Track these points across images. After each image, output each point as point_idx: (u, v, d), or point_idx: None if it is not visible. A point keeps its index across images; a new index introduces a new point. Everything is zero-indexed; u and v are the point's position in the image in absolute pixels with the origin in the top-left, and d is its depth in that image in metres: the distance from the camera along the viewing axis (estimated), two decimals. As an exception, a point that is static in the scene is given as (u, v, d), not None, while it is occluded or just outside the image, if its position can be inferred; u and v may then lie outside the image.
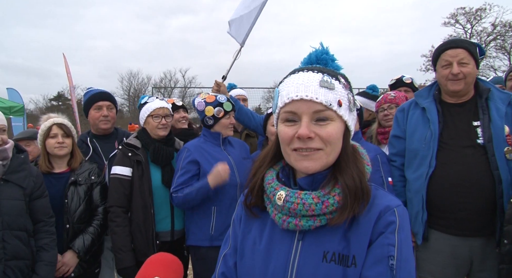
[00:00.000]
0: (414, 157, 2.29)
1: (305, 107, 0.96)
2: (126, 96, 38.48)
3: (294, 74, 1.02)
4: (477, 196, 2.05)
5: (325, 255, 0.98)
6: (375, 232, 0.96)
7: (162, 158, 2.64)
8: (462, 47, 2.17)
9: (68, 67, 10.16)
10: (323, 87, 0.96)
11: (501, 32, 27.55)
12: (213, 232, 2.52)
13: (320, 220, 0.98)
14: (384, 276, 0.91)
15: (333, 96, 0.97)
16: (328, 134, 0.97)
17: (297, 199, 0.98)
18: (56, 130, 2.57)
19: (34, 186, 2.16)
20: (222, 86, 3.21)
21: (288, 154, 1.02)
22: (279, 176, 1.10)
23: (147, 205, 2.54)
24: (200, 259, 2.56)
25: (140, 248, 2.50)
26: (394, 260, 0.92)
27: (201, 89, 26.51)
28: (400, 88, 3.41)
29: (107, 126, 2.95)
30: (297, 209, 0.98)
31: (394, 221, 0.96)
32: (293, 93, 0.97)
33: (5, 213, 1.97)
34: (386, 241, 0.94)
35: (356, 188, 0.97)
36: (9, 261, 1.94)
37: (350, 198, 0.96)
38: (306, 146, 0.97)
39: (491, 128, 2.11)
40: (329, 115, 0.97)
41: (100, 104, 2.94)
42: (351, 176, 0.98)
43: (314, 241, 1.00)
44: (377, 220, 0.97)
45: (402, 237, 0.95)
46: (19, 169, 2.13)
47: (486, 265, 2.12)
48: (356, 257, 0.95)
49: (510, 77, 3.19)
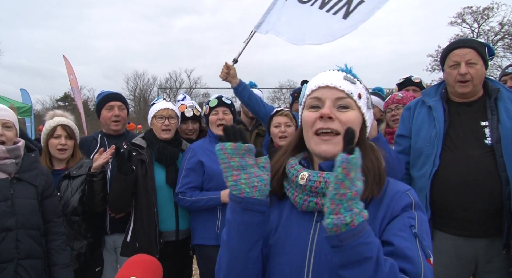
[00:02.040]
0: (419, 155, 2.27)
1: (329, 93, 1.10)
2: (132, 96, 38.69)
3: (321, 73, 1.18)
4: (482, 197, 2.03)
5: None
6: (391, 214, 1.04)
7: (166, 157, 2.65)
8: (470, 47, 2.15)
9: (71, 68, 10.16)
10: (346, 80, 1.12)
11: (509, 31, 27.24)
12: (218, 231, 2.54)
13: None
14: (410, 241, 0.98)
15: (354, 88, 1.12)
16: (347, 118, 1.08)
17: (319, 178, 1.06)
18: (60, 131, 2.61)
19: (45, 185, 2.17)
20: (232, 69, 3.01)
21: (310, 138, 1.12)
22: (301, 162, 1.18)
23: (150, 204, 2.56)
24: (205, 258, 2.57)
25: (143, 246, 2.51)
26: (416, 229, 1.00)
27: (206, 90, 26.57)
28: (408, 88, 3.39)
29: (117, 128, 2.99)
30: (319, 187, 1.04)
31: (410, 200, 1.06)
32: (320, 81, 1.12)
33: (19, 212, 1.97)
34: (406, 215, 1.03)
35: (374, 170, 1.06)
36: (23, 260, 1.95)
37: (369, 178, 1.04)
38: (327, 125, 1.07)
39: (499, 128, 2.09)
40: (350, 103, 1.10)
41: (111, 104, 2.98)
42: (370, 160, 1.08)
43: None
44: (391, 201, 1.06)
45: (419, 213, 1.05)
46: (31, 167, 2.14)
47: (491, 266, 2.09)
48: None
49: (503, 81, 3.20)
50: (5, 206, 1.94)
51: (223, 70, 2.99)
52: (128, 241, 2.59)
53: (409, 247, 0.96)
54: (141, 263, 1.51)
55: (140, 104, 37.20)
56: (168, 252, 2.61)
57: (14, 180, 2.05)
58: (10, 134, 2.12)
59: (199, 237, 2.59)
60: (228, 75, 2.96)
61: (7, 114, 2.16)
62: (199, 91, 31.10)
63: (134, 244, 2.55)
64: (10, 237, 1.92)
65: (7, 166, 2.03)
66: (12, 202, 1.98)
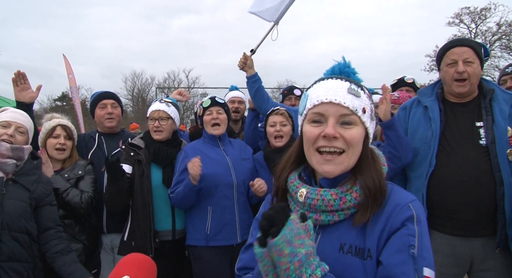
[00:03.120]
0: (415, 156, 2.28)
1: (333, 110, 1.05)
2: (130, 96, 38.64)
3: (323, 80, 1.11)
4: (477, 197, 2.05)
5: (342, 247, 1.04)
6: (391, 226, 1.01)
7: (162, 158, 2.67)
8: (468, 46, 2.16)
9: (70, 67, 10.17)
10: (351, 94, 1.06)
11: (506, 32, 27.34)
12: (208, 232, 2.53)
13: (339, 215, 1.06)
14: (406, 264, 0.96)
15: (358, 103, 1.06)
16: (351, 136, 1.05)
17: (317, 195, 1.06)
18: (60, 131, 2.61)
19: (44, 193, 2.16)
20: (249, 59, 3.17)
21: (311, 154, 1.09)
22: (301, 175, 1.17)
23: (146, 204, 2.56)
24: (197, 258, 2.58)
25: (139, 246, 2.52)
26: (415, 249, 0.97)
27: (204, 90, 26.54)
28: (402, 88, 3.42)
29: (111, 124, 3.00)
30: (317, 204, 1.05)
31: (411, 214, 1.02)
32: (323, 96, 1.06)
33: (6, 213, 1.95)
34: (406, 232, 0.99)
35: (375, 189, 1.04)
36: (4, 262, 1.90)
37: (371, 198, 1.03)
38: (330, 144, 1.05)
39: (494, 129, 2.10)
40: (354, 119, 1.06)
41: (104, 102, 3.01)
42: (371, 178, 1.05)
43: (331, 234, 1.07)
44: (391, 214, 1.02)
45: (421, 227, 1.01)
46: (30, 173, 2.13)
47: (486, 265, 2.11)
48: (371, 250, 1.01)
49: (502, 81, 3.21)
50: None
51: (240, 60, 3.18)
52: (125, 240, 2.60)
53: (405, 272, 0.95)
54: (135, 262, 1.52)
55: (138, 104, 37.13)
56: (165, 251, 2.62)
57: (9, 181, 2.04)
58: (21, 139, 2.15)
59: (191, 238, 2.61)
60: (245, 64, 3.15)
61: (24, 119, 2.20)
62: (197, 91, 31.06)
63: (131, 243, 2.56)
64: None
65: (6, 166, 2.03)
66: (1, 202, 1.95)
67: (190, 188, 2.44)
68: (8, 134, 2.08)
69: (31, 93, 2.63)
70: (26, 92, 2.62)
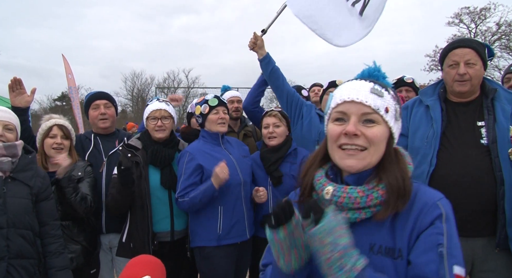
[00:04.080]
0: (416, 155, 2.26)
1: (355, 109, 1.08)
2: (129, 96, 38.64)
3: (349, 82, 1.16)
4: (478, 197, 2.04)
5: (372, 247, 1.06)
6: (420, 225, 1.03)
7: (160, 160, 2.65)
8: (470, 47, 2.15)
9: (69, 67, 10.15)
10: (373, 94, 1.09)
11: (506, 32, 27.36)
12: (220, 231, 2.53)
13: (365, 213, 1.07)
14: (434, 263, 0.97)
15: (381, 102, 1.09)
16: (373, 134, 1.07)
17: (343, 193, 1.07)
18: (56, 131, 2.60)
19: (42, 187, 2.15)
20: (260, 39, 3.05)
21: (334, 151, 1.12)
22: (327, 174, 1.19)
23: (144, 205, 2.55)
24: (206, 258, 2.56)
25: (137, 247, 2.51)
26: (444, 247, 0.99)
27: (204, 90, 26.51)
28: (401, 88, 3.41)
29: (105, 125, 2.97)
30: (343, 202, 1.07)
31: (440, 212, 1.04)
32: (345, 96, 1.10)
33: (10, 211, 1.96)
34: (434, 231, 1.01)
35: (399, 188, 1.05)
36: (13, 259, 1.93)
37: (393, 196, 1.05)
38: (351, 142, 1.08)
39: (495, 129, 2.09)
40: (376, 118, 1.08)
41: (97, 103, 2.99)
42: (394, 176, 1.07)
43: (360, 233, 1.07)
44: (420, 213, 1.04)
45: (449, 225, 1.03)
46: (27, 168, 2.13)
47: (487, 266, 2.10)
48: (402, 250, 1.03)
49: (506, 79, 3.20)
50: None
51: (251, 40, 3.07)
52: (124, 241, 2.59)
53: (433, 271, 0.97)
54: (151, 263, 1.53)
55: (138, 104, 37.11)
56: (164, 252, 2.60)
57: (8, 179, 2.04)
58: (11, 136, 2.13)
59: (199, 239, 2.57)
60: (255, 45, 3.04)
61: (10, 116, 2.18)
62: (197, 91, 31.09)
63: (129, 245, 2.55)
64: (0, 235, 1.90)
65: (3, 164, 2.02)
66: (4, 201, 1.96)
67: (212, 192, 2.45)
68: None
69: (27, 97, 2.68)
70: (21, 97, 2.67)
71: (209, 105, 2.69)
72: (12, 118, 2.19)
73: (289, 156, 2.80)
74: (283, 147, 2.78)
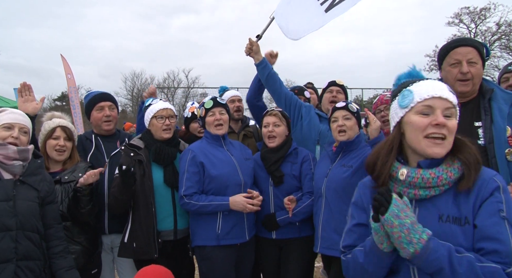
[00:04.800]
0: None
1: (441, 103, 1.33)
2: (129, 96, 38.59)
3: (423, 80, 1.40)
4: None
5: (441, 217, 1.29)
6: (482, 196, 1.26)
7: (163, 157, 2.67)
8: (472, 46, 2.14)
9: (69, 67, 10.14)
10: (451, 92, 1.36)
11: (506, 32, 27.36)
12: (219, 231, 2.55)
13: (435, 190, 1.31)
14: (499, 225, 1.22)
15: (455, 100, 1.36)
16: (453, 125, 1.33)
17: (417, 174, 1.32)
18: (59, 133, 2.62)
19: (48, 191, 2.19)
20: (255, 45, 3.12)
21: (419, 140, 1.33)
22: (397, 159, 1.41)
23: (148, 204, 2.57)
24: (206, 259, 2.58)
25: (141, 246, 2.52)
26: (504, 212, 1.23)
27: (204, 90, 26.51)
28: None
29: (109, 127, 2.98)
30: (417, 182, 1.32)
31: (497, 185, 1.28)
32: (433, 92, 1.33)
33: (20, 214, 1.99)
34: (495, 200, 1.25)
35: (475, 161, 1.30)
36: (20, 261, 1.96)
37: (472, 169, 1.28)
38: (439, 131, 1.30)
39: (492, 129, 2.10)
40: (453, 112, 1.35)
41: (101, 104, 2.97)
42: (469, 153, 1.32)
43: (429, 207, 1.32)
44: (481, 187, 1.28)
45: (506, 195, 1.26)
46: (36, 172, 2.16)
47: None
48: (468, 217, 1.26)
49: (504, 78, 3.19)
50: (7, 206, 1.96)
51: (247, 46, 3.16)
52: (126, 241, 2.59)
53: (499, 231, 1.20)
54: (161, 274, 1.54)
55: (138, 104, 37.01)
56: (166, 251, 2.62)
57: (18, 182, 2.07)
58: (25, 139, 2.18)
59: (199, 239, 2.60)
60: (251, 50, 3.11)
61: (25, 120, 2.23)
62: (197, 91, 31.07)
63: (132, 245, 2.56)
64: (9, 237, 1.93)
65: (15, 168, 2.06)
66: (14, 203, 2.00)
67: (223, 210, 2.54)
68: (13, 137, 2.10)
69: (35, 104, 2.61)
70: (30, 104, 2.59)
71: (205, 108, 2.72)
72: (27, 122, 2.24)
73: (290, 156, 2.81)
74: (284, 147, 2.80)
